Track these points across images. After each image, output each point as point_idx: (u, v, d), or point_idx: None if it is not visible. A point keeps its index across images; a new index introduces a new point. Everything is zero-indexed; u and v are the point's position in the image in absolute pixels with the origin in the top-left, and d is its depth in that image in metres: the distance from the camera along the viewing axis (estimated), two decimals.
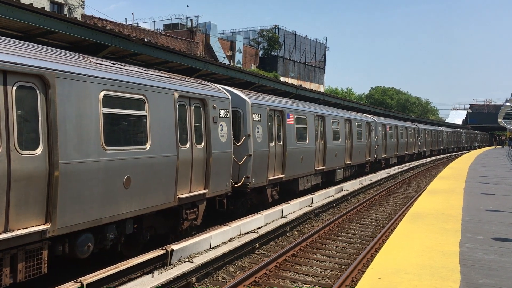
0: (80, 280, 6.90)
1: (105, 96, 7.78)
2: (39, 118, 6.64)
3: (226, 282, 8.64)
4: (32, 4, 8.33)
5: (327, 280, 9.03)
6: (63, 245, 7.27)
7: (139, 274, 8.09)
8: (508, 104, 37.32)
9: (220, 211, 12.60)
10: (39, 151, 6.58)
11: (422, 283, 5.96)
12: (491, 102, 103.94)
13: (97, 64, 7.99)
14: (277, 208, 13.76)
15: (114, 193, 7.90)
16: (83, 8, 34.42)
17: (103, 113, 7.72)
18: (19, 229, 6.31)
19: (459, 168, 25.87)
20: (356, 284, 6.83)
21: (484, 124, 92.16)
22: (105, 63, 8.37)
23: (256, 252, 10.77)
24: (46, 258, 6.81)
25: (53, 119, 6.74)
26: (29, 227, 6.45)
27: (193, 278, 8.39)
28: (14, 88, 6.32)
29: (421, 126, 42.55)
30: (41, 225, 6.63)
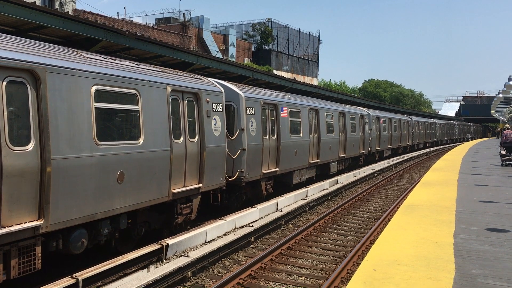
0: (76, 276, 6.89)
1: (97, 91, 7.71)
2: (30, 114, 6.57)
3: (222, 276, 8.64)
4: None
5: (322, 272, 9.05)
6: (57, 241, 7.23)
7: (134, 269, 8.08)
8: (500, 95, 37.51)
9: (215, 206, 12.59)
10: (30, 146, 6.52)
11: (417, 274, 5.98)
12: (484, 94, 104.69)
13: (88, 59, 7.91)
14: (272, 201, 13.77)
15: (107, 188, 7.85)
16: (74, 2, 34.10)
17: (95, 107, 7.65)
18: (12, 226, 6.26)
19: (453, 160, 25.99)
20: (351, 276, 6.85)
21: (477, 116, 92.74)
22: (97, 57, 8.29)
23: (252, 246, 10.78)
24: (39, 254, 6.76)
25: (44, 114, 6.67)
26: (22, 223, 6.41)
27: (189, 272, 8.39)
28: (4, 83, 6.24)
29: (414, 118, 42.68)
30: (34, 221, 6.59)
